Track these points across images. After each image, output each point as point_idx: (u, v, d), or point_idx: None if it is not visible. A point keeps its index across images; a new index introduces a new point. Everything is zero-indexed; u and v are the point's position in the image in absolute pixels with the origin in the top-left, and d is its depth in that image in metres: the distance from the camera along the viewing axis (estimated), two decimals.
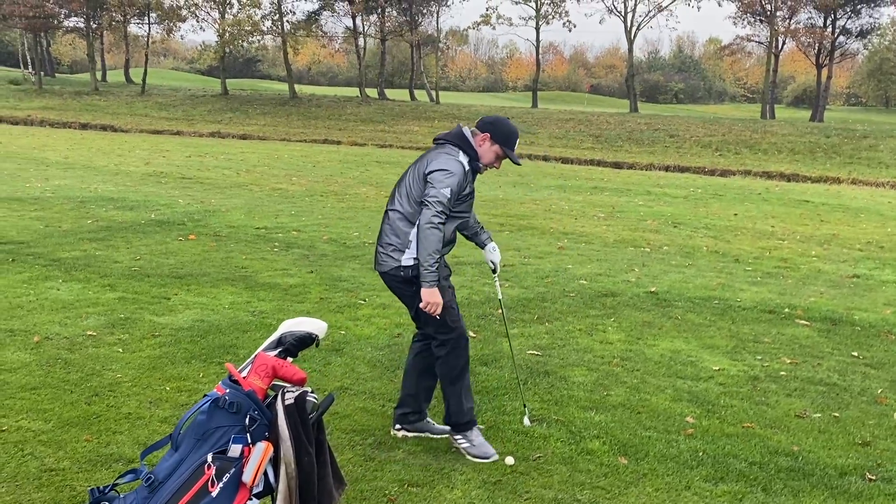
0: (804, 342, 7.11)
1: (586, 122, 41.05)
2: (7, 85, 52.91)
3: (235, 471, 2.91)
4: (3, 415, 4.68)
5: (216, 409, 2.96)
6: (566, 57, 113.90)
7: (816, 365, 6.44)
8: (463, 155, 4.38)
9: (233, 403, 2.96)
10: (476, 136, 4.47)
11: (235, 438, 2.94)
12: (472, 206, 4.58)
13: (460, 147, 4.41)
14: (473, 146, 4.44)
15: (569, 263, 10.16)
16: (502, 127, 4.45)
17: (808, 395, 5.73)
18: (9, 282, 7.68)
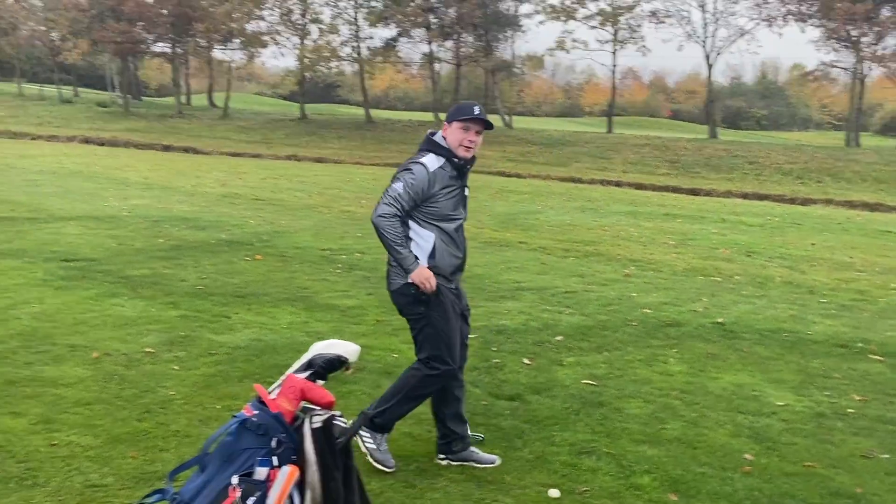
0: (876, 378, 6.78)
1: (662, 148, 40.47)
2: (95, 107, 54.96)
3: (260, 494, 2.88)
4: (57, 429, 4.76)
5: (243, 431, 2.94)
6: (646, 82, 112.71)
7: (888, 403, 6.13)
8: (432, 157, 4.39)
9: (260, 425, 2.94)
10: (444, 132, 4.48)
11: (261, 461, 2.91)
12: (463, 203, 4.54)
13: (428, 150, 4.44)
14: (443, 144, 4.45)
15: (634, 291, 9.94)
16: (453, 108, 4.51)
17: (876, 435, 5.44)
18: (76, 298, 7.88)
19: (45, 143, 38.44)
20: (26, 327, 6.76)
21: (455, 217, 4.48)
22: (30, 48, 65.81)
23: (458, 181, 4.46)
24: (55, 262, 9.62)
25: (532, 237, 14.59)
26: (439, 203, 4.38)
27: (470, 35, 52.49)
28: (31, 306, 7.46)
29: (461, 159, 4.43)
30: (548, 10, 48.42)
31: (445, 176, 4.39)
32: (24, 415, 4.91)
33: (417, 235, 4.41)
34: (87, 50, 56.96)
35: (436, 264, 4.41)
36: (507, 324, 7.90)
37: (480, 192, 23.65)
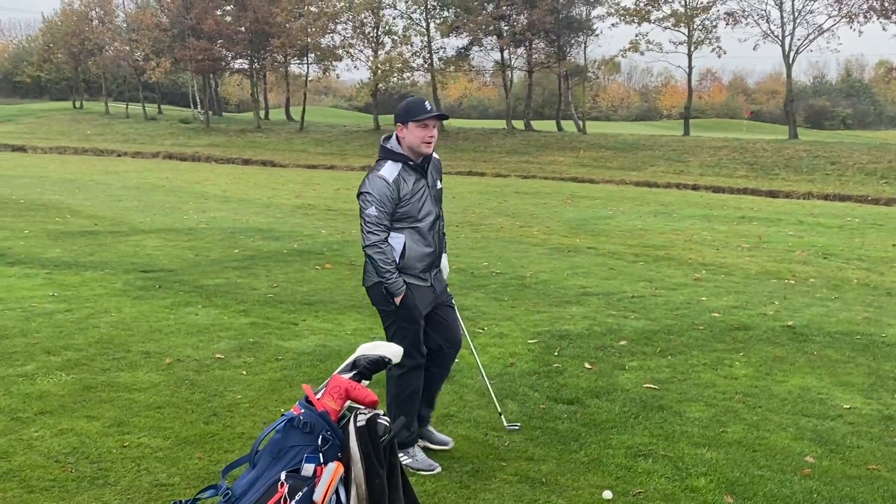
0: None
1: (741, 150, 39.62)
2: (178, 124, 56.69)
3: (307, 490, 2.99)
4: (128, 431, 4.98)
5: (291, 429, 3.07)
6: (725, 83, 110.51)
7: None
8: (389, 164, 4.50)
9: (307, 424, 3.06)
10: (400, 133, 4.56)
11: (308, 458, 3.03)
12: (432, 200, 4.65)
13: (385, 158, 4.55)
14: (398, 149, 4.55)
15: (703, 295, 9.82)
16: (400, 108, 4.55)
17: None
18: (152, 307, 8.20)
19: (130, 160, 39.86)
20: (104, 335, 7.07)
21: (424, 217, 4.60)
22: (115, 68, 68.33)
23: (422, 181, 4.58)
24: (134, 273, 10.02)
25: (602, 242, 14.51)
26: (407, 206, 4.52)
27: (542, 41, 52.37)
28: (110, 315, 7.80)
29: (419, 158, 4.55)
30: (620, 12, 47.95)
31: (408, 180, 4.52)
32: (98, 418, 5.16)
33: (390, 237, 4.56)
34: (170, 68, 58.83)
35: (405, 263, 4.56)
36: (571, 329, 7.90)
37: (550, 199, 23.61)
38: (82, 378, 5.90)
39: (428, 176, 4.63)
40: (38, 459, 4.51)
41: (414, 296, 4.58)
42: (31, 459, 4.51)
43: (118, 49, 61.43)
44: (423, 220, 4.59)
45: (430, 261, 4.68)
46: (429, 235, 4.64)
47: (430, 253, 4.65)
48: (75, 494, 4.14)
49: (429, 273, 4.69)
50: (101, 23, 62.76)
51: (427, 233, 4.62)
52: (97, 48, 61.74)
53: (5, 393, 5.54)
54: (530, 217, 18.59)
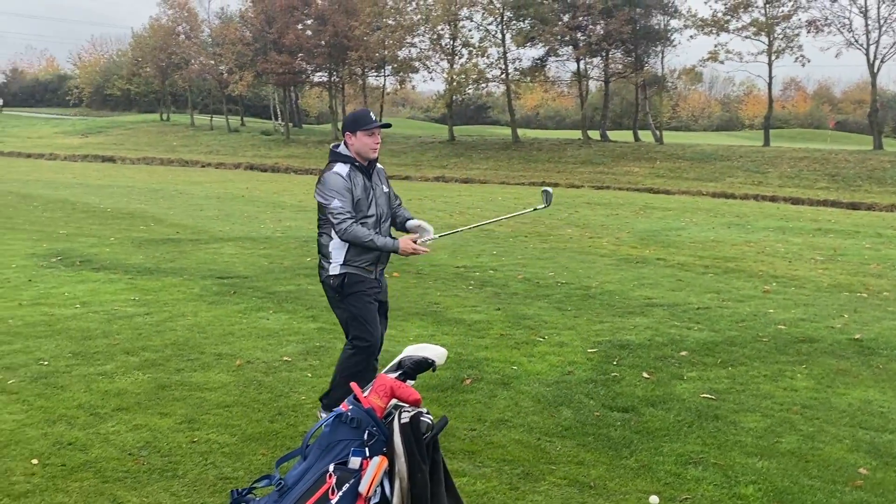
0: None
1: (822, 161, 38.70)
2: (259, 135, 58.17)
3: (354, 481, 3.18)
4: (198, 427, 5.27)
5: (339, 424, 3.27)
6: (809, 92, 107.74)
7: None
8: (340, 165, 5.08)
9: (354, 419, 3.25)
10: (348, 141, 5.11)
11: (355, 451, 3.22)
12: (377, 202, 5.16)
13: (336, 160, 5.13)
14: (347, 152, 5.12)
15: (770, 308, 9.72)
16: (348, 119, 5.17)
17: None
18: (226, 311, 8.56)
19: (214, 170, 41.10)
20: (180, 337, 7.43)
21: (369, 215, 5.10)
22: (200, 81, 70.47)
23: (367, 183, 5.11)
24: (211, 279, 10.44)
25: (671, 254, 14.44)
26: (356, 203, 5.04)
27: (618, 51, 52.05)
28: (186, 319, 8.18)
29: (366, 161, 5.12)
30: (698, 23, 47.33)
31: (356, 179, 5.06)
32: (171, 415, 5.47)
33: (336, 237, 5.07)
34: (252, 81, 60.44)
35: (351, 256, 5.08)
36: (632, 339, 7.95)
37: (623, 210, 23.50)
38: (157, 377, 6.24)
39: (373, 178, 5.18)
40: (113, 452, 4.82)
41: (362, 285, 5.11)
42: (107, 452, 4.82)
43: (203, 63, 63.38)
44: (368, 218, 5.09)
45: (377, 256, 5.16)
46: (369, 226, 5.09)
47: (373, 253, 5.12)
48: (146, 485, 4.42)
49: (374, 267, 5.20)
50: (188, 38, 64.86)
51: (371, 229, 5.08)
52: (183, 62, 63.81)
53: (86, 390, 5.90)
54: (600, 228, 18.58)
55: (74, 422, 5.27)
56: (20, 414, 5.38)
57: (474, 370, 6.68)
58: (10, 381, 6.01)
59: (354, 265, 5.10)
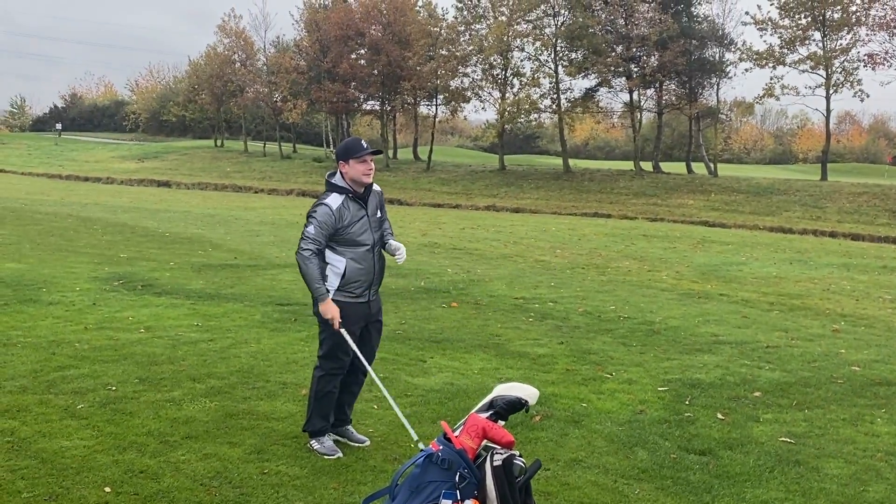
0: None
1: (882, 196, 37.86)
2: (311, 162, 58.78)
3: None
4: (268, 458, 5.20)
5: (430, 465, 3.16)
6: (865, 126, 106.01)
7: None
8: (335, 196, 5.19)
9: (445, 460, 3.14)
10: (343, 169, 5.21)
11: (446, 493, 3.11)
12: (371, 228, 5.28)
13: (331, 191, 5.23)
14: (342, 183, 5.22)
15: (842, 348, 9.42)
16: (340, 149, 5.24)
17: None
18: (289, 339, 8.54)
19: (267, 196, 41.57)
20: (244, 365, 7.41)
21: (363, 242, 5.24)
22: (255, 108, 71.63)
23: (363, 210, 5.23)
24: (271, 305, 10.45)
25: (734, 289, 14.14)
26: (349, 231, 5.18)
27: (672, 82, 51.74)
28: (249, 346, 8.17)
29: (361, 188, 5.21)
30: (754, 56, 46.85)
31: (350, 209, 5.18)
32: (240, 444, 5.41)
33: (333, 260, 5.21)
34: (306, 109, 61.25)
35: (345, 282, 5.21)
36: (702, 378, 7.73)
37: (680, 243, 23.17)
38: (224, 405, 6.20)
39: (368, 205, 5.28)
40: (184, 482, 4.77)
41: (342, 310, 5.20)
42: (179, 482, 4.77)
43: (258, 91, 64.38)
44: (362, 246, 5.24)
45: (369, 282, 5.32)
46: (367, 259, 5.28)
47: (367, 274, 5.29)
48: None
49: (367, 292, 5.34)
50: (243, 65, 65.97)
51: (366, 256, 5.26)
52: (238, 89, 64.87)
53: (155, 417, 5.87)
54: (658, 261, 18.31)
55: (145, 449, 5.24)
56: (91, 440, 5.36)
57: (543, 406, 6.53)
58: (80, 406, 6.01)
59: (346, 292, 5.24)
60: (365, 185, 5.24)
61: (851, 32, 45.06)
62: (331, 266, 5.21)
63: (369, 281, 5.32)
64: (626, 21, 49.89)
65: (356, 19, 56.65)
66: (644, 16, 49.35)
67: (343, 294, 5.22)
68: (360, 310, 5.33)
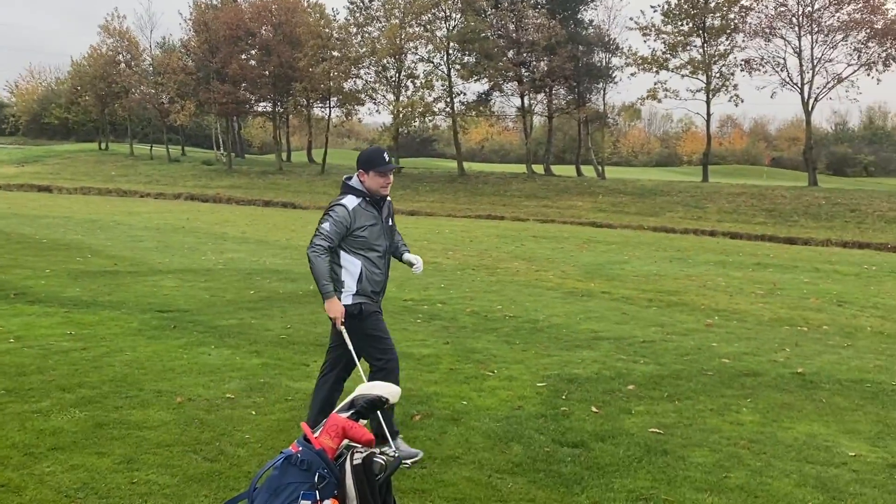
0: None
1: (759, 197, 39.66)
2: (200, 165, 57.48)
3: None
4: (137, 468, 5.07)
5: (289, 466, 3.15)
6: (746, 129, 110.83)
7: None
8: (351, 197, 5.30)
9: (304, 461, 3.14)
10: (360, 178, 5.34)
11: (305, 494, 3.11)
12: (385, 234, 5.40)
13: (347, 193, 5.34)
14: (360, 187, 5.34)
15: (714, 341, 9.83)
16: (362, 157, 5.39)
17: None
18: (166, 347, 8.33)
19: (153, 201, 40.42)
20: (118, 374, 7.19)
21: (377, 246, 5.35)
22: (141, 110, 69.57)
23: (378, 216, 5.34)
24: (150, 312, 10.18)
25: (616, 287, 14.55)
26: (363, 234, 5.26)
27: (562, 87, 52.90)
28: (125, 354, 7.93)
29: (376, 197, 5.33)
30: (638, 62, 48.40)
31: (364, 212, 5.28)
32: (109, 454, 5.25)
33: (348, 262, 5.30)
34: (194, 111, 59.87)
35: (363, 287, 5.31)
36: (580, 373, 7.94)
37: (568, 243, 23.70)
38: (95, 415, 6.01)
39: (382, 212, 5.39)
40: (48, 494, 4.60)
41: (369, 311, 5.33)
42: (42, 494, 4.60)
43: (144, 92, 62.58)
44: (376, 250, 5.35)
45: (381, 288, 5.46)
46: (380, 263, 5.40)
47: (381, 277, 5.43)
48: None
49: (379, 296, 5.49)
50: (128, 66, 64.02)
51: (379, 260, 5.38)
52: (124, 91, 62.90)
53: (20, 428, 5.65)
54: (546, 261, 18.67)
55: (7, 462, 5.03)
56: None
57: (424, 406, 6.59)
58: None
59: (364, 295, 5.33)
60: (382, 196, 5.38)
61: (730, 39, 47.06)
62: (345, 269, 5.29)
63: (381, 286, 5.47)
64: (516, 26, 50.77)
65: (246, 19, 55.79)
66: (533, 21, 50.31)
67: (362, 297, 5.32)
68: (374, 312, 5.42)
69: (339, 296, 5.27)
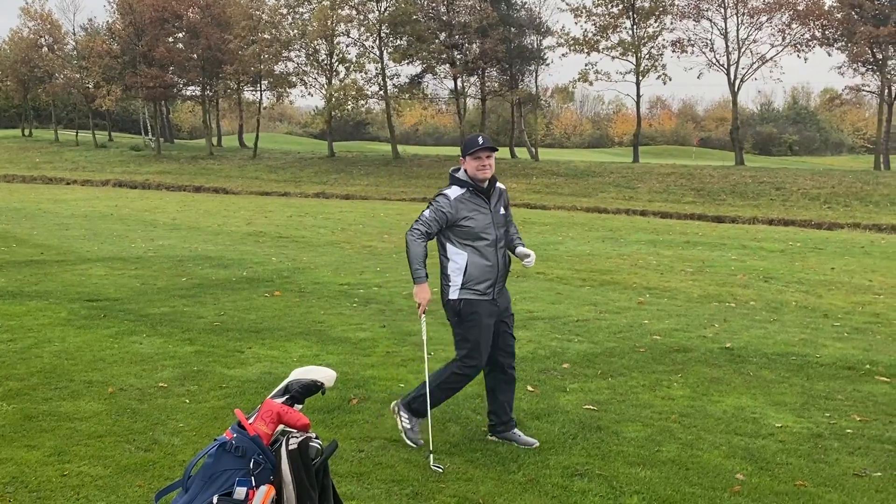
0: (880, 399, 6.81)
1: (688, 176, 40.45)
2: (128, 151, 56.16)
3: None
4: (68, 460, 4.97)
5: (223, 453, 3.13)
6: (674, 111, 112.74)
7: (888, 423, 6.16)
8: (455, 188, 5.26)
9: (238, 448, 3.12)
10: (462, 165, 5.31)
11: (240, 481, 3.09)
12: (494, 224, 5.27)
13: (453, 183, 5.31)
14: (463, 177, 5.28)
15: (646, 319, 10.03)
16: (463, 144, 5.33)
17: (872, 454, 5.49)
18: (96, 336, 8.16)
19: (79, 188, 39.38)
20: (47, 365, 7.02)
21: (485, 236, 5.22)
22: (65, 95, 67.53)
23: (485, 205, 5.24)
24: (79, 302, 9.94)
25: (550, 268, 14.71)
26: (468, 224, 5.17)
27: (494, 70, 53.03)
28: (53, 345, 7.75)
29: (483, 183, 5.22)
30: (570, 43, 48.78)
31: (469, 202, 5.20)
32: (39, 447, 5.13)
33: (454, 255, 5.25)
34: (121, 96, 58.38)
35: (467, 279, 5.23)
36: (516, 352, 7.99)
37: None
38: (24, 408, 5.86)
39: (490, 201, 5.27)
40: None
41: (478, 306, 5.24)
42: None
43: (68, 76, 60.86)
44: (483, 241, 5.22)
45: (493, 278, 5.29)
46: (490, 254, 5.25)
47: (490, 270, 5.26)
48: None
49: (491, 289, 5.30)
50: (51, 50, 62.08)
51: (488, 250, 5.24)
52: (47, 76, 61.02)
53: None
54: None
55: None
56: None
57: (361, 389, 6.59)
58: None
59: (471, 289, 5.24)
60: (485, 180, 5.23)
61: (659, 20, 47.74)
62: (452, 261, 5.24)
63: (493, 278, 5.29)
64: (447, 8, 50.66)
65: (172, 2, 54.48)
66: (465, 3, 50.27)
67: (468, 291, 5.23)
68: (488, 307, 5.30)
69: (448, 290, 5.27)
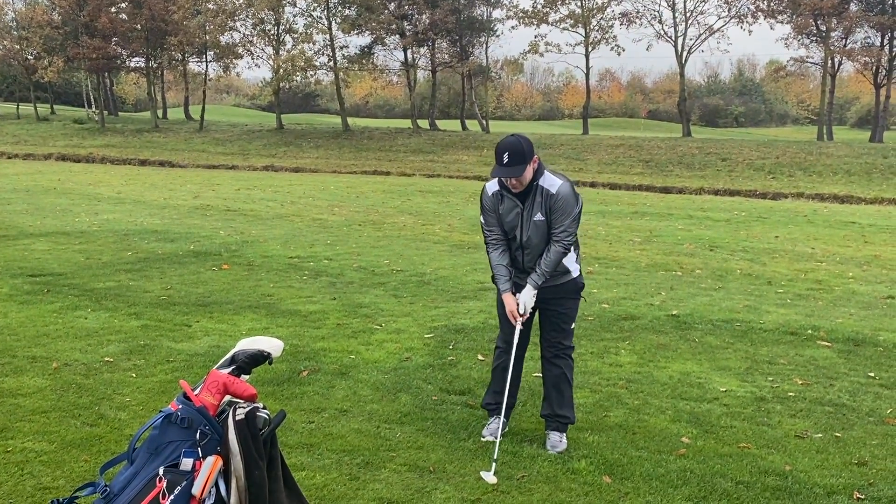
0: (821, 363, 6.99)
1: (637, 148, 40.79)
2: (72, 124, 54.78)
3: (186, 484, 3.02)
4: (11, 436, 4.88)
5: (169, 425, 3.09)
6: (623, 83, 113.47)
7: (828, 386, 6.34)
8: (493, 182, 4.97)
9: (184, 419, 3.09)
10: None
11: (187, 452, 3.06)
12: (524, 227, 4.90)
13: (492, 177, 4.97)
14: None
15: (594, 288, 10.13)
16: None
17: (813, 416, 5.65)
18: (40, 311, 7.99)
19: (21, 162, 38.37)
20: None
21: (513, 237, 4.99)
22: (5, 67, 65.56)
23: (517, 206, 4.88)
24: (22, 277, 9.72)
25: None
26: (505, 221, 4.95)
27: (444, 41, 52.73)
28: None
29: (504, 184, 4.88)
30: (519, 15, 48.70)
31: (504, 199, 4.91)
32: None
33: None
34: (63, 67, 56.78)
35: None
36: (467, 323, 8.07)
37: (454, 197, 23.87)
38: None
39: (527, 203, 4.87)
40: None
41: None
42: None
43: (7, 48, 58.90)
44: (512, 242, 5.00)
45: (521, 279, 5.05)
46: (516, 255, 5.04)
47: (517, 270, 5.08)
48: None
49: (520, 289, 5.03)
50: None
51: (515, 251, 5.03)
52: None
53: None
54: (433, 215, 18.76)
55: None
56: None
57: (311, 361, 6.57)
58: None
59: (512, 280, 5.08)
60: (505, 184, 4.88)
61: None
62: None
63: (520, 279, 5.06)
64: None
65: None
66: None
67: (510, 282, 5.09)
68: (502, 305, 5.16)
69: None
